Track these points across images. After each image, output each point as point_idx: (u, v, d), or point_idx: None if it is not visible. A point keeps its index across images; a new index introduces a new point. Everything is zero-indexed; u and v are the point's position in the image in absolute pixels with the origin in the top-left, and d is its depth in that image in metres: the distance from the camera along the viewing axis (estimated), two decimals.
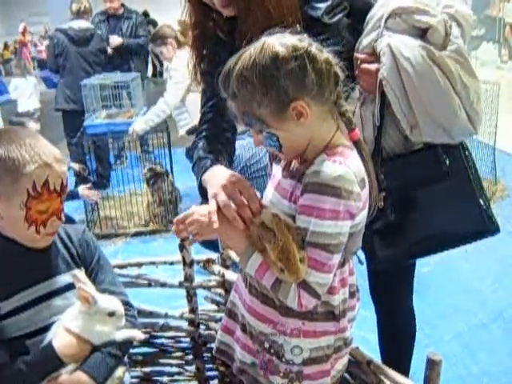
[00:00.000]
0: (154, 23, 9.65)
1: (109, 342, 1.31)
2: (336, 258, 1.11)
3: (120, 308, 1.34)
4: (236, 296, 1.35)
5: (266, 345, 1.23)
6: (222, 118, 1.50)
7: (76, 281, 1.30)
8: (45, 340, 1.28)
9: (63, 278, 1.34)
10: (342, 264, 1.19)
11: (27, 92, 6.37)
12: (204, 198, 1.32)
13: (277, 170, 1.28)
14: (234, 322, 1.35)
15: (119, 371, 1.35)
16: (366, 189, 1.13)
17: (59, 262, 1.36)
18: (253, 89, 1.07)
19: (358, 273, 1.33)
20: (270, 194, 1.25)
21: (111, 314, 1.31)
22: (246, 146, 2.52)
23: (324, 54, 1.09)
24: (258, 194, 1.24)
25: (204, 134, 1.53)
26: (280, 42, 1.08)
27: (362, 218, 1.15)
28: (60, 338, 1.26)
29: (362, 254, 1.43)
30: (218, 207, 1.19)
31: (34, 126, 3.79)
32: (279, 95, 1.06)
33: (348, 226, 1.10)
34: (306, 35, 1.11)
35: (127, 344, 1.38)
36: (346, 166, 1.07)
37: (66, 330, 1.27)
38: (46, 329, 1.29)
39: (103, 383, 1.29)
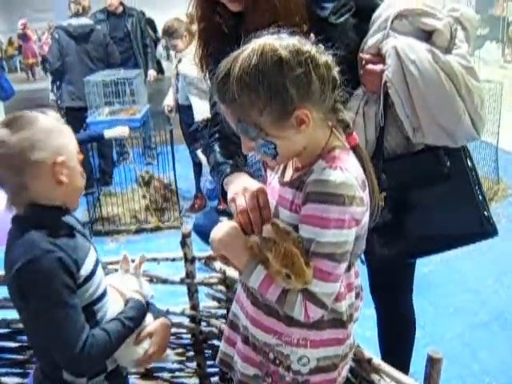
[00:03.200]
0: (151, 22, 9.69)
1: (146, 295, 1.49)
2: (342, 267, 1.09)
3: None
4: (237, 307, 1.33)
5: (271, 356, 1.20)
6: None
7: (124, 256, 1.51)
8: (106, 303, 1.35)
9: (94, 250, 1.41)
10: (348, 268, 1.16)
11: None
12: (224, 200, 1.37)
13: (272, 178, 1.26)
14: (235, 333, 1.33)
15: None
16: (366, 190, 1.11)
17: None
18: (255, 96, 1.02)
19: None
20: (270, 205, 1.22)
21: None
22: None
23: (323, 56, 1.05)
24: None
25: (217, 135, 1.54)
26: (281, 43, 1.02)
27: (366, 219, 1.13)
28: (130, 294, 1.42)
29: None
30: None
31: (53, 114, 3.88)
32: (284, 103, 1.02)
33: (354, 233, 1.08)
34: (310, 36, 1.08)
35: None
36: (347, 171, 1.05)
37: (128, 290, 1.44)
38: (103, 295, 1.35)
39: None
